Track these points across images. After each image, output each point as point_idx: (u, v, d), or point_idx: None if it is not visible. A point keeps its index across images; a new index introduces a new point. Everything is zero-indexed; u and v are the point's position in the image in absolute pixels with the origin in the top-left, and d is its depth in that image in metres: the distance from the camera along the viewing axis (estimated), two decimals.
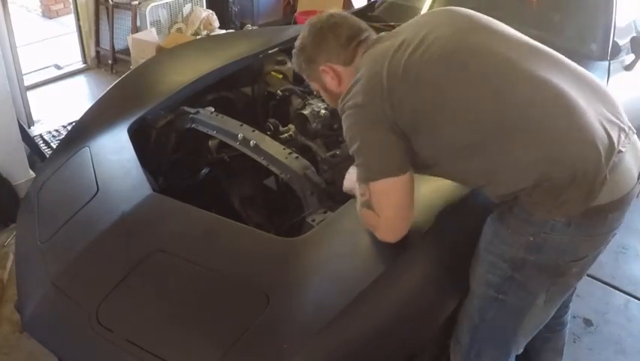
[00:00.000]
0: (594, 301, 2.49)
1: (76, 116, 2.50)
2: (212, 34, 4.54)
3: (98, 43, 4.73)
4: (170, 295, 1.50)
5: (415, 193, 1.36)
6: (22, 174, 2.93)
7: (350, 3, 4.88)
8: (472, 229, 1.44)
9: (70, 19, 4.92)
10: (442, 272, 1.47)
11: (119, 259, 1.58)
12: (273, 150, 1.91)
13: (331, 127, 2.02)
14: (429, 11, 1.54)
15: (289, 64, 2.42)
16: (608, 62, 2.29)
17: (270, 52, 2.47)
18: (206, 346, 1.37)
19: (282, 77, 2.44)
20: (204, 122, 2.12)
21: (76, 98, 4.26)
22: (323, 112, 1.99)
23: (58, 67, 4.70)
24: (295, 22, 4.74)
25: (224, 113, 2.15)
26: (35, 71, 4.54)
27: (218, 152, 2.28)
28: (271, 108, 2.40)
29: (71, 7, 4.78)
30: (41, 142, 3.64)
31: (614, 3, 2.35)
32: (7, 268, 2.49)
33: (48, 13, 6.11)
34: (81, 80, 4.62)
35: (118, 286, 1.50)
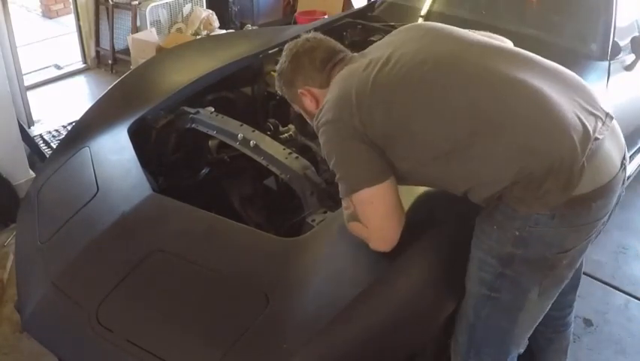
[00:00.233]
0: (594, 301, 2.49)
1: (76, 116, 2.51)
2: (212, 34, 4.54)
3: (98, 43, 4.74)
4: (170, 295, 1.50)
5: (414, 193, 1.36)
6: (22, 174, 2.93)
7: (350, 3, 4.88)
8: (470, 229, 1.43)
9: (70, 19, 4.93)
10: (442, 272, 1.47)
11: (119, 259, 1.58)
12: (272, 150, 1.91)
13: None
14: (396, 30, 1.59)
15: None
16: (608, 62, 2.29)
17: (270, 52, 2.47)
18: (206, 346, 1.37)
19: None
20: (204, 122, 2.12)
21: (76, 98, 4.26)
22: None
23: (58, 67, 4.70)
24: (295, 22, 4.73)
25: (224, 113, 2.15)
26: (35, 71, 4.54)
27: (218, 152, 2.28)
28: (271, 108, 2.40)
29: (71, 7, 4.79)
30: (41, 142, 3.64)
31: (614, 3, 2.35)
32: (7, 268, 2.49)
33: (48, 13, 6.12)
34: (81, 80, 4.63)
35: (118, 286, 1.50)
